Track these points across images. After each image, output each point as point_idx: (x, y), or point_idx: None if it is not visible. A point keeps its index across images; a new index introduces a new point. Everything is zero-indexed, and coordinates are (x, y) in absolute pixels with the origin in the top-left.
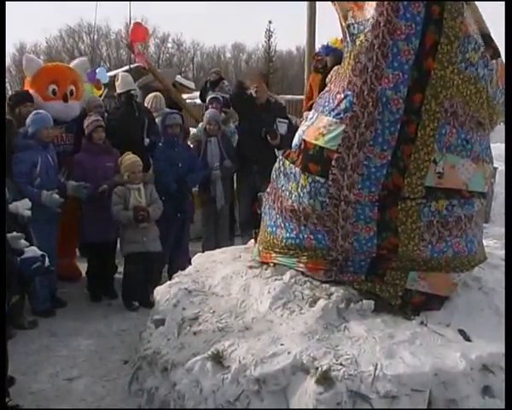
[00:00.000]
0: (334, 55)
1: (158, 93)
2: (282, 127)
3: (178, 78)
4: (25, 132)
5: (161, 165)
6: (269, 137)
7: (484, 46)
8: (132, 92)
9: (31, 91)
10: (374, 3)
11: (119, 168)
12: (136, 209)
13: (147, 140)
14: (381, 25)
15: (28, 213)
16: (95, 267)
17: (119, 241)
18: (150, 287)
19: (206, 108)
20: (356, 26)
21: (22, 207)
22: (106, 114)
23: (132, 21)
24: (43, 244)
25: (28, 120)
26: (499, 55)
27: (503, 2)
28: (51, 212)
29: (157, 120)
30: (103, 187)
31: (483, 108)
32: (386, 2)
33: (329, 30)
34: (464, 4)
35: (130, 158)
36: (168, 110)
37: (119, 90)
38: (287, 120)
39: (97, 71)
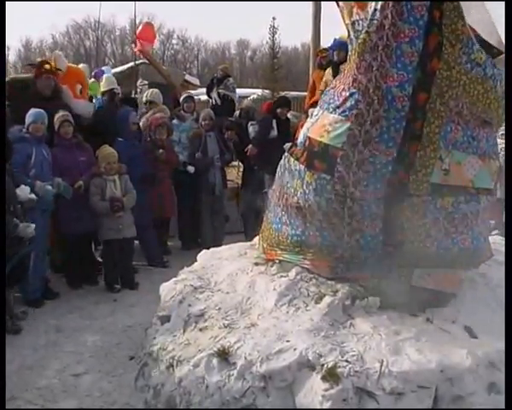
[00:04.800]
0: (343, 49)
1: (155, 89)
2: (251, 131)
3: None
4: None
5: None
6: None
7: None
8: (115, 91)
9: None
10: (373, 3)
11: (97, 161)
12: (111, 200)
13: None
14: (386, 27)
15: (33, 196)
16: (71, 257)
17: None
18: (130, 269)
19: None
20: (360, 22)
21: (25, 192)
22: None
23: (139, 18)
24: (37, 233)
25: None
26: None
27: (503, 3)
28: (45, 202)
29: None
30: (79, 183)
31: (490, 109)
32: (390, 6)
33: (334, 26)
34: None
35: (106, 150)
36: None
37: (102, 89)
38: (254, 122)
39: (104, 69)
